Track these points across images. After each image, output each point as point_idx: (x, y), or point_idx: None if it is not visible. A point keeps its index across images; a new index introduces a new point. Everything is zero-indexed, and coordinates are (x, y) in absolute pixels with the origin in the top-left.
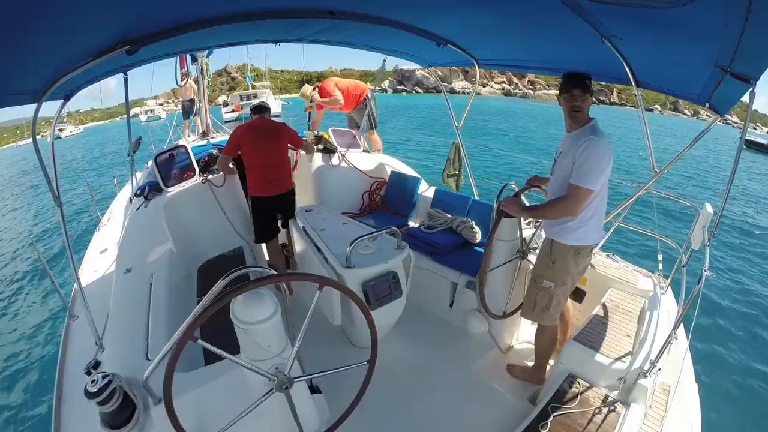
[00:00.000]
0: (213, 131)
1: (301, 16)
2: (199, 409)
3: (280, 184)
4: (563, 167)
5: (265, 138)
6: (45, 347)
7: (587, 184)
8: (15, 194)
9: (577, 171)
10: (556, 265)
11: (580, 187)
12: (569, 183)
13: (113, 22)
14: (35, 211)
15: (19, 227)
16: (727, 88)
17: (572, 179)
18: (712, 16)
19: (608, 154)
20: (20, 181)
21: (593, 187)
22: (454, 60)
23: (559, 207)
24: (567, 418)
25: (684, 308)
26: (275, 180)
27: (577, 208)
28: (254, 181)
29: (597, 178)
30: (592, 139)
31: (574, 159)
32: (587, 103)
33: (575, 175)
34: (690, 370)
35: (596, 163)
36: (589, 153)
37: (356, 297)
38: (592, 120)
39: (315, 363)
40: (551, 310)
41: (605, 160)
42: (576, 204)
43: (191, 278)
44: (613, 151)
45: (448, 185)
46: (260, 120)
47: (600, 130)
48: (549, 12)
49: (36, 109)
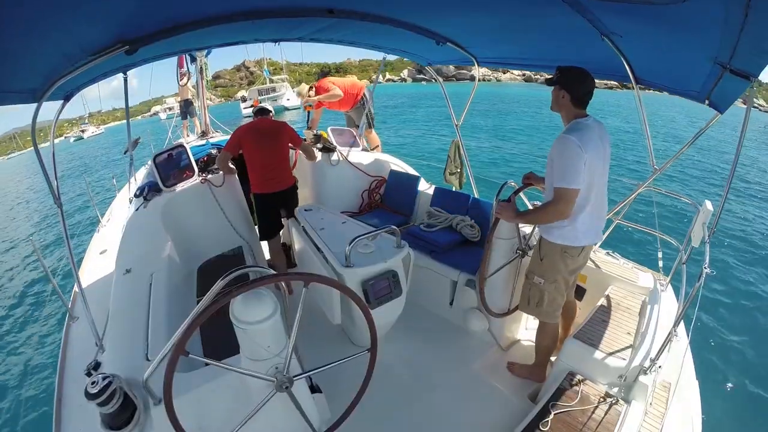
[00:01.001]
0: (212, 131)
1: (300, 15)
2: (200, 410)
3: (281, 181)
4: (549, 171)
5: (266, 137)
6: (45, 348)
7: (568, 184)
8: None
9: (556, 173)
10: (544, 261)
11: (563, 188)
12: (554, 187)
13: (112, 22)
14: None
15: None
16: (727, 85)
17: (555, 182)
18: (712, 13)
19: (580, 151)
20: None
21: (575, 185)
22: (453, 58)
23: (549, 211)
24: (568, 415)
25: (684, 305)
26: (276, 178)
27: (566, 209)
28: (256, 179)
29: (576, 175)
30: (560, 138)
31: (552, 162)
32: (552, 96)
33: (556, 177)
34: (690, 367)
35: (568, 161)
36: (559, 153)
37: (356, 296)
38: (578, 117)
39: (315, 362)
40: (545, 306)
41: (577, 157)
42: (564, 206)
43: (191, 278)
44: (596, 146)
45: (451, 183)
46: (261, 120)
47: (578, 128)
48: (548, 9)
49: (36, 109)
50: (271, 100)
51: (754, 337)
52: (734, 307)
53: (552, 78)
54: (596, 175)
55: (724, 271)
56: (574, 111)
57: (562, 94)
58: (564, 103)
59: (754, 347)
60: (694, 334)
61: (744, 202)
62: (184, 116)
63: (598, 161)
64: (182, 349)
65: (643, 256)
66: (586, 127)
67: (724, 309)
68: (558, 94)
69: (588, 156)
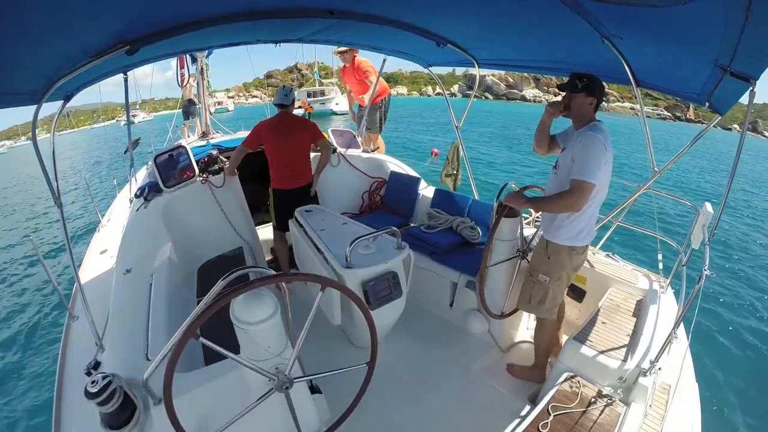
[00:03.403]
0: (213, 131)
1: (300, 15)
2: (200, 409)
3: (300, 178)
4: (564, 166)
5: (289, 132)
6: (45, 348)
7: (588, 178)
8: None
9: (576, 166)
10: (551, 259)
11: (582, 181)
12: (571, 179)
13: (113, 22)
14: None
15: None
16: (727, 87)
17: (573, 174)
18: (713, 15)
19: (605, 149)
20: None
21: (594, 180)
22: (454, 60)
23: (562, 201)
24: (567, 417)
25: (684, 307)
26: (296, 174)
27: (581, 201)
28: (276, 174)
29: (597, 171)
30: (589, 135)
31: (573, 156)
32: (577, 103)
33: (575, 170)
34: (690, 369)
35: (592, 156)
36: (583, 147)
37: (356, 297)
38: (594, 121)
39: (315, 363)
40: (547, 303)
41: (601, 154)
42: (579, 198)
43: (191, 278)
44: (612, 151)
45: (446, 185)
46: (284, 115)
47: (600, 129)
48: (549, 12)
49: (36, 111)
50: (320, 103)
51: (754, 339)
52: (734, 309)
53: (577, 85)
54: (607, 176)
55: (724, 273)
56: (591, 117)
57: (590, 100)
58: (589, 110)
59: (754, 349)
60: (694, 336)
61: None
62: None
63: (611, 164)
64: (191, 334)
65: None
66: (605, 130)
67: (724, 311)
68: (585, 100)
69: (608, 156)
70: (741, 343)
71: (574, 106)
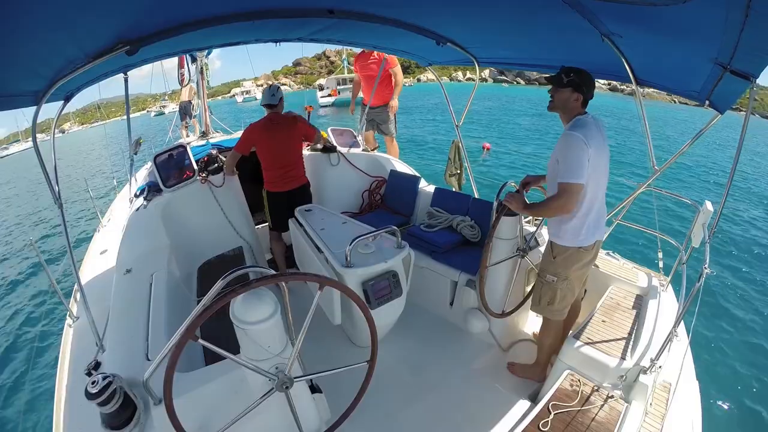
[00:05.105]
0: (212, 131)
1: (300, 15)
2: (200, 410)
3: (294, 180)
4: (552, 167)
5: (280, 134)
6: (45, 348)
7: (572, 179)
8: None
9: (560, 169)
10: (557, 259)
11: (567, 183)
12: (557, 182)
13: (113, 23)
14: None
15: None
16: (727, 85)
17: (558, 177)
18: (713, 13)
19: (585, 146)
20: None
21: (579, 179)
22: (454, 58)
23: (553, 205)
24: (568, 415)
25: (684, 305)
26: (290, 176)
27: (570, 203)
28: (269, 177)
29: (579, 170)
30: (568, 134)
31: (557, 158)
32: (561, 98)
33: (560, 173)
34: (690, 367)
35: (572, 156)
36: (563, 148)
37: (356, 296)
38: (578, 115)
39: (315, 362)
40: (556, 304)
41: (582, 151)
42: (567, 200)
43: (191, 278)
44: (600, 143)
45: (451, 184)
46: (273, 115)
47: (581, 125)
48: (549, 10)
49: (36, 111)
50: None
51: (755, 338)
52: (735, 307)
53: (563, 79)
54: (601, 170)
55: (724, 272)
56: (578, 111)
57: (576, 96)
58: (575, 105)
59: (754, 348)
60: (694, 334)
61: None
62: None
63: (602, 157)
64: (191, 334)
65: (643, 257)
66: (588, 123)
67: (725, 309)
68: (571, 95)
69: (592, 151)
70: (742, 341)
71: (559, 100)
